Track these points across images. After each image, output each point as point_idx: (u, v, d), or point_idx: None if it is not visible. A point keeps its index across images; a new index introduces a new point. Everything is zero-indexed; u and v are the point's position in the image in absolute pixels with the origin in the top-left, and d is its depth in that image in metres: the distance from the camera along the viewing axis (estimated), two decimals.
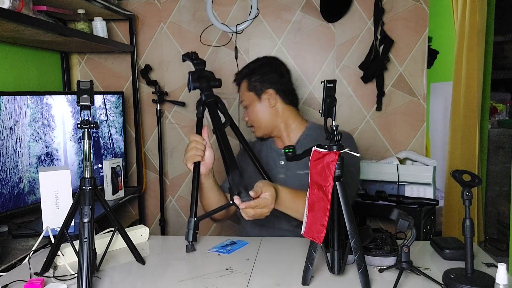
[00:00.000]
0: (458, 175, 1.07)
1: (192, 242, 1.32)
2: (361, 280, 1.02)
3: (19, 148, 1.74)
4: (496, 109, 3.95)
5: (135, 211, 2.57)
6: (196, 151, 1.41)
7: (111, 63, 2.53)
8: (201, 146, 1.42)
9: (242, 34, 2.42)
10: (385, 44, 2.30)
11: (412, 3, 2.30)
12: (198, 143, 1.42)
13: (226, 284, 1.09)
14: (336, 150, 1.02)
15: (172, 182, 2.56)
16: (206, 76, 1.52)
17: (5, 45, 1.97)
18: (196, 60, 1.55)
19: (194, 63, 1.54)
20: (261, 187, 1.24)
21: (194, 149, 1.41)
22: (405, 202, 2.10)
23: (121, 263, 1.25)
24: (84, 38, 1.99)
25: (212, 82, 1.52)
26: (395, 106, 2.37)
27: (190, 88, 1.50)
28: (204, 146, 1.43)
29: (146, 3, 2.46)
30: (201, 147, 1.42)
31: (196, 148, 1.41)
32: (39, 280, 1.06)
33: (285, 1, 2.38)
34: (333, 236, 1.07)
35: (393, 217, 1.11)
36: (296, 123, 1.64)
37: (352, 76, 2.38)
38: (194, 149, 1.41)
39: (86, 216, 1.05)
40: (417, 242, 1.37)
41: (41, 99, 1.85)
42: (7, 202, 1.68)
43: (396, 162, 2.22)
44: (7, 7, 1.45)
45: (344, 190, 1.03)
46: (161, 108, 2.45)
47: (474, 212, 2.98)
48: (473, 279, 1.03)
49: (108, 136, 2.26)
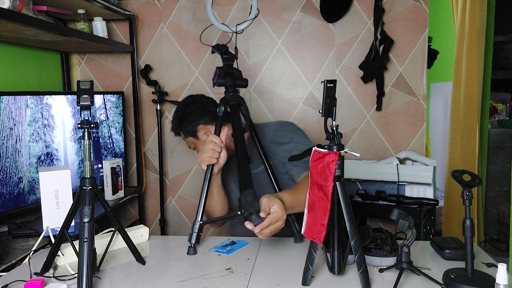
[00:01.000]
0: (458, 175, 1.07)
1: (195, 245, 1.31)
2: (361, 280, 1.02)
3: (19, 148, 1.74)
4: (496, 109, 3.96)
5: (135, 211, 2.57)
6: (213, 153, 1.37)
7: (111, 63, 2.53)
8: (219, 149, 1.38)
9: (242, 34, 2.42)
10: (385, 44, 2.30)
11: (412, 3, 2.30)
12: (216, 146, 1.37)
13: (226, 284, 1.09)
14: (336, 150, 1.02)
15: (172, 182, 2.56)
16: (232, 74, 1.45)
17: (5, 45, 1.96)
18: (226, 54, 1.46)
19: (223, 58, 1.45)
20: (267, 204, 1.20)
21: (211, 151, 1.37)
22: (405, 202, 2.10)
23: (121, 263, 1.25)
24: (84, 38, 1.99)
25: (238, 81, 1.45)
26: (395, 106, 2.37)
27: (216, 84, 1.43)
28: (221, 149, 1.39)
29: (146, 3, 2.46)
30: (219, 150, 1.38)
31: (213, 151, 1.37)
32: (39, 280, 1.06)
33: (285, 1, 2.38)
34: (333, 236, 1.07)
35: (393, 217, 1.11)
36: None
37: (352, 76, 2.38)
38: (212, 151, 1.37)
39: (86, 216, 1.05)
40: (417, 242, 1.37)
41: (41, 99, 1.85)
42: (7, 202, 1.68)
43: (396, 162, 2.22)
44: (7, 7, 1.45)
45: (345, 190, 1.03)
46: (161, 108, 2.45)
47: (474, 212, 2.98)
48: (473, 279, 1.03)
49: (108, 136, 2.26)
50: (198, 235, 1.31)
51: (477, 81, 2.83)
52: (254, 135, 1.47)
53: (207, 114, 1.61)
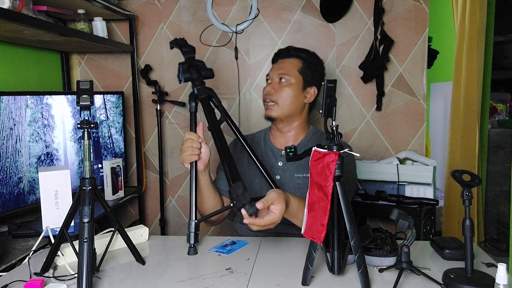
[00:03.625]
0: (458, 175, 1.07)
1: (194, 245, 1.30)
2: (361, 280, 1.02)
3: (19, 148, 1.74)
4: (496, 109, 3.96)
5: (135, 211, 2.57)
6: (192, 150, 1.36)
7: (111, 63, 2.53)
8: (197, 145, 1.37)
9: (242, 34, 2.42)
10: (385, 44, 2.30)
11: (412, 3, 2.30)
12: (193, 142, 1.36)
13: (226, 284, 1.09)
14: (336, 150, 1.02)
15: (172, 182, 2.56)
16: (196, 66, 1.42)
17: (5, 45, 1.97)
18: (185, 47, 1.43)
19: (183, 51, 1.42)
20: (271, 200, 1.18)
21: (190, 148, 1.35)
22: (405, 202, 2.10)
23: (121, 263, 1.25)
24: (84, 38, 1.99)
25: (203, 72, 1.42)
26: (395, 106, 2.37)
27: (181, 80, 1.41)
28: (200, 144, 1.38)
29: (146, 3, 2.46)
30: (197, 146, 1.37)
31: (191, 148, 1.36)
32: (39, 280, 1.06)
33: (285, 1, 2.38)
34: (333, 236, 1.07)
35: (393, 217, 1.11)
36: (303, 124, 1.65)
37: (352, 76, 2.38)
38: (190, 148, 1.35)
39: (86, 216, 1.05)
40: (417, 242, 1.37)
41: (41, 99, 1.85)
42: (7, 202, 1.68)
43: (396, 162, 2.22)
44: (7, 7, 1.45)
45: (344, 190, 1.03)
46: (161, 108, 2.45)
47: (474, 212, 2.98)
48: (473, 279, 1.03)
49: (108, 136, 2.26)
50: (196, 234, 1.30)
51: (477, 81, 2.83)
52: (232, 125, 1.47)
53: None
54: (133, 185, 2.53)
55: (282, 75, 1.59)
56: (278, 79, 1.59)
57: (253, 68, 2.43)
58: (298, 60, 1.61)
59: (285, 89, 1.57)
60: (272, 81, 1.61)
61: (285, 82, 1.58)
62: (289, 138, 1.63)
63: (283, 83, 1.58)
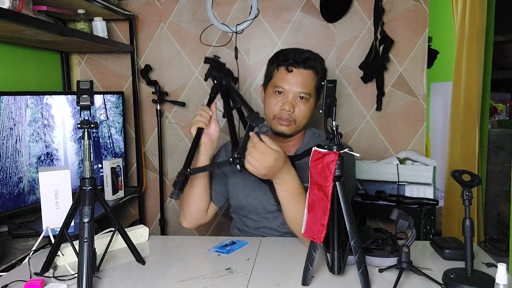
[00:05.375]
0: (458, 175, 1.07)
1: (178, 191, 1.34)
2: (361, 280, 1.02)
3: (19, 148, 1.74)
4: (496, 109, 3.96)
5: (135, 211, 2.57)
6: (201, 117, 1.42)
7: (111, 63, 2.53)
8: (207, 115, 1.43)
9: (242, 34, 2.42)
10: (385, 44, 2.30)
11: (412, 3, 2.30)
12: (204, 111, 1.43)
13: (226, 284, 1.09)
14: (336, 150, 1.02)
15: (172, 182, 2.56)
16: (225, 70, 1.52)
17: (5, 45, 1.97)
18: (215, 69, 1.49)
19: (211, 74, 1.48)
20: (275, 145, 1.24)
21: (199, 115, 1.42)
22: (405, 202, 2.10)
23: (121, 263, 1.25)
24: (84, 38, 1.99)
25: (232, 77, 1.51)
26: (395, 106, 2.37)
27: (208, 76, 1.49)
28: (210, 116, 1.44)
29: (146, 3, 2.46)
30: (207, 115, 1.43)
31: (201, 115, 1.42)
32: (39, 280, 1.06)
33: (285, 1, 2.38)
34: (333, 236, 1.07)
35: (393, 217, 1.11)
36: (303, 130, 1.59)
37: (352, 76, 2.38)
38: (199, 115, 1.42)
39: (86, 216, 1.05)
40: (417, 242, 1.37)
41: (41, 99, 1.85)
42: (7, 202, 1.68)
43: (396, 162, 2.22)
44: (7, 7, 1.45)
45: (344, 190, 1.03)
46: (161, 108, 2.45)
47: (474, 212, 2.98)
48: (473, 279, 1.03)
49: (108, 136, 2.26)
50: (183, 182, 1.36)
51: (477, 81, 2.83)
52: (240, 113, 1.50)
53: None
54: (133, 185, 2.53)
55: (304, 94, 1.45)
56: (298, 97, 1.46)
57: (253, 68, 2.43)
58: (314, 73, 1.47)
59: (304, 107, 1.46)
60: (288, 96, 1.46)
61: (304, 100, 1.46)
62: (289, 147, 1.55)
63: (302, 100, 1.46)
